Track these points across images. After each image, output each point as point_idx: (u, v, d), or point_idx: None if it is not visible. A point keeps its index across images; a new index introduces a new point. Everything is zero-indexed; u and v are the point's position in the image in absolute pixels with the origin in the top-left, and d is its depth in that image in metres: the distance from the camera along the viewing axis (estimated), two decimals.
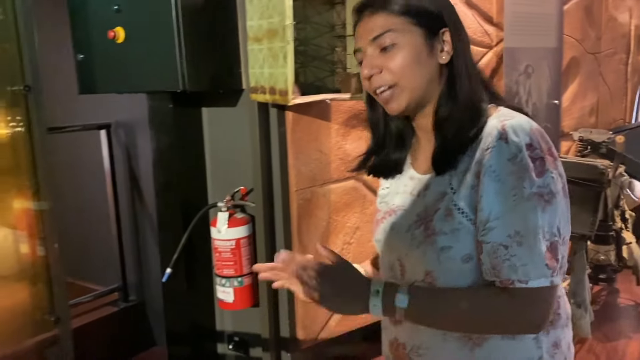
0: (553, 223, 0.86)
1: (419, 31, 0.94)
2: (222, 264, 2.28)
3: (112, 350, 2.68)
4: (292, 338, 2.37)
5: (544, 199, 0.85)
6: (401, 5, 0.94)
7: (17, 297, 2.42)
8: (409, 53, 0.94)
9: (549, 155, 0.87)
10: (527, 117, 0.93)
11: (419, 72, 0.95)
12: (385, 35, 0.94)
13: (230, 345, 2.53)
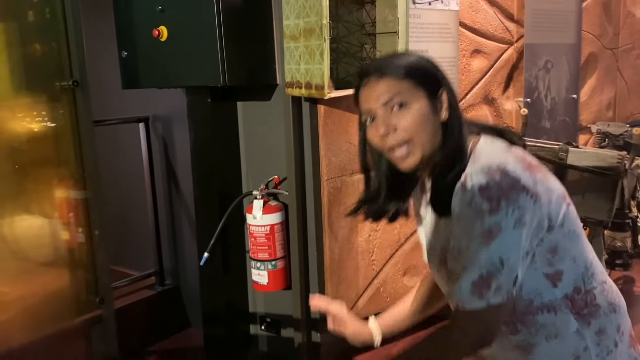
0: (495, 255, 0.96)
1: (422, 92, 1.06)
2: (257, 248, 2.42)
3: (150, 331, 2.84)
4: (322, 319, 2.51)
5: (492, 235, 0.95)
6: (405, 70, 1.06)
7: (64, 280, 2.59)
8: (418, 112, 1.05)
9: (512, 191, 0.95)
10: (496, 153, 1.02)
11: (428, 129, 1.06)
12: (395, 98, 1.05)
13: (263, 326, 2.68)
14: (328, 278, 2.46)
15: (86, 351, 2.59)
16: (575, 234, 1.06)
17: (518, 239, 0.96)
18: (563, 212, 1.03)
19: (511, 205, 0.95)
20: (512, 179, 0.96)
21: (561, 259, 1.03)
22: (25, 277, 2.45)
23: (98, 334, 2.62)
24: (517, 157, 1.02)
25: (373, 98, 1.07)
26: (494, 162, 0.98)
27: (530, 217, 0.97)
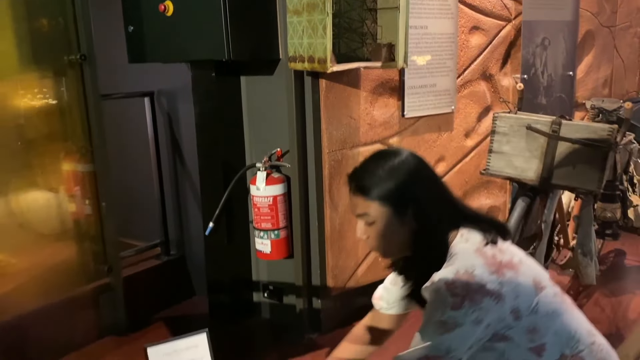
0: (444, 345, 1.09)
1: (389, 211, 1.19)
2: (261, 218, 2.51)
3: (156, 300, 2.94)
4: (322, 286, 2.61)
5: (446, 327, 1.08)
6: (374, 193, 1.19)
7: (73, 250, 2.69)
8: (383, 228, 1.19)
9: (477, 294, 1.07)
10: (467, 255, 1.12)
11: (393, 240, 1.21)
12: (364, 216, 1.21)
13: (265, 294, 2.78)
14: (328, 247, 2.55)
15: (95, 318, 2.69)
16: (555, 313, 1.15)
17: (470, 335, 1.09)
18: (535, 301, 1.13)
19: (473, 306, 1.07)
20: (478, 284, 1.07)
21: (543, 335, 1.14)
22: (35, 247, 2.54)
23: (106, 302, 2.72)
24: (486, 260, 1.11)
25: (352, 206, 1.24)
26: (463, 266, 1.09)
27: (490, 317, 1.09)
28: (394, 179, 1.19)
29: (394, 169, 1.20)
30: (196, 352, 2.05)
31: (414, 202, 1.19)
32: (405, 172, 1.20)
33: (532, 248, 2.38)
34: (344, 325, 2.73)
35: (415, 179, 1.21)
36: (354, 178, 1.24)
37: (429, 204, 1.20)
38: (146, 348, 1.98)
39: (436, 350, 1.09)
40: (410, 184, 1.20)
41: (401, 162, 1.21)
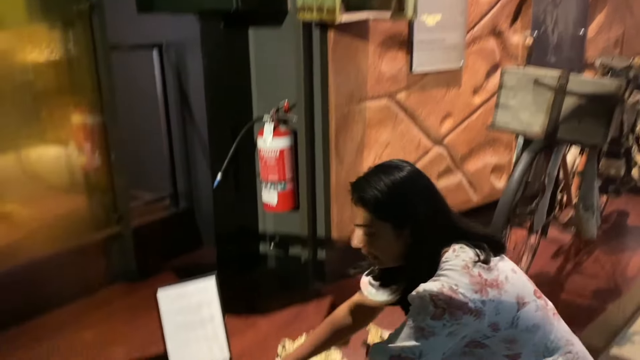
0: (417, 349, 1.16)
1: (388, 225, 1.24)
2: (268, 171, 2.55)
3: (165, 250, 3.01)
4: (327, 238, 2.67)
5: (423, 333, 1.15)
6: (375, 208, 1.23)
7: (84, 200, 2.74)
8: (383, 241, 1.26)
9: (458, 310, 1.13)
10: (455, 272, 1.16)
11: (390, 250, 1.27)
12: (364, 227, 1.27)
13: (272, 245, 2.84)
14: (334, 200, 2.59)
15: (106, 265, 2.77)
16: (535, 326, 1.21)
17: (444, 345, 1.17)
18: (516, 316, 1.18)
19: (452, 321, 1.14)
20: (460, 302, 1.13)
21: (521, 346, 1.21)
22: (46, 199, 2.59)
23: (117, 250, 2.79)
24: (472, 279, 1.16)
25: (354, 215, 1.29)
26: (447, 283, 1.15)
27: (467, 330, 1.16)
28: (395, 195, 1.24)
29: (396, 184, 1.24)
30: (205, 296, 2.13)
31: (412, 218, 1.24)
32: (407, 189, 1.25)
33: (534, 204, 2.41)
34: (348, 276, 2.80)
35: (415, 197, 1.25)
36: (357, 189, 1.27)
37: (427, 221, 1.25)
38: (157, 291, 2.06)
39: (410, 352, 1.17)
40: (410, 202, 1.25)
41: (403, 178, 1.25)
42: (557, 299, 2.56)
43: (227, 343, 2.11)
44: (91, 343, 2.26)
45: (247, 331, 2.32)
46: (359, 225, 1.28)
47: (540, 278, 2.74)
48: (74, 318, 2.45)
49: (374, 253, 1.29)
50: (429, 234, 1.24)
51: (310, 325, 2.26)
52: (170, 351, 2.01)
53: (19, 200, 2.47)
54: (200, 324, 2.09)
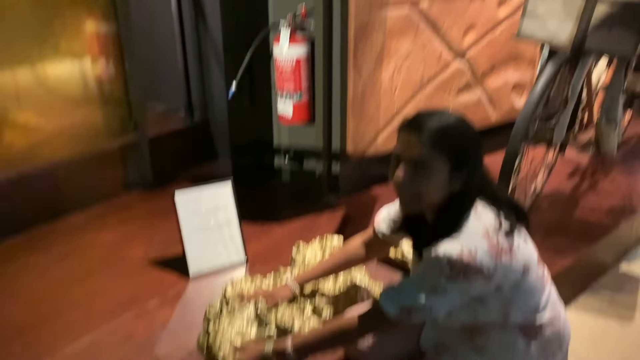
0: (428, 304, 1.19)
1: (446, 165, 1.18)
2: (283, 81, 2.50)
3: (180, 161, 3.04)
4: (342, 152, 2.66)
5: (436, 291, 1.18)
6: (443, 144, 1.17)
7: (100, 109, 2.74)
8: (436, 180, 1.19)
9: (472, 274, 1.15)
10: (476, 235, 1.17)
11: (436, 193, 1.21)
12: (422, 162, 1.18)
13: (286, 159, 2.85)
14: (350, 113, 2.56)
15: (123, 173, 2.81)
16: (531, 291, 1.26)
17: (453, 303, 1.20)
18: (517, 281, 1.22)
19: (465, 282, 1.16)
20: (476, 266, 1.15)
21: (514, 305, 1.25)
22: (62, 109, 2.59)
23: (133, 158, 2.82)
24: (490, 245, 1.17)
25: (407, 148, 1.20)
26: (468, 247, 1.15)
27: (475, 291, 1.19)
28: (463, 137, 1.20)
29: (464, 128, 1.21)
30: (221, 200, 2.16)
31: (468, 167, 1.20)
32: (471, 135, 1.22)
33: (555, 119, 2.37)
34: (361, 190, 2.83)
35: (475, 145, 1.23)
36: (422, 122, 1.20)
37: (476, 173, 1.23)
38: (174, 192, 2.09)
39: (421, 307, 1.19)
40: (472, 148, 1.22)
41: (466, 124, 1.22)
42: (571, 215, 2.58)
43: (243, 246, 2.16)
44: (111, 244, 2.33)
45: (262, 237, 2.37)
46: (413, 159, 1.18)
47: (555, 196, 2.75)
48: (93, 221, 2.52)
49: (418, 193, 1.20)
50: (474, 187, 1.23)
51: (324, 232, 2.30)
52: (188, 252, 2.07)
53: (34, 110, 2.48)
54: (217, 227, 2.13)
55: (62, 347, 1.70)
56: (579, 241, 2.33)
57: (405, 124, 1.22)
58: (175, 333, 1.77)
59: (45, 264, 2.18)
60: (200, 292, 2.00)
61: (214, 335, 1.53)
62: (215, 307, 1.64)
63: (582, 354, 1.99)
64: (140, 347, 1.71)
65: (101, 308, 1.90)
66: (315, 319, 1.63)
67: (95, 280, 2.06)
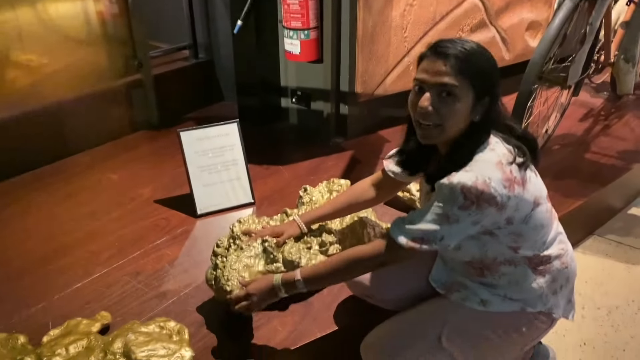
0: (440, 234, 1.18)
1: (472, 92, 1.16)
2: (291, 16, 2.42)
3: (186, 101, 2.99)
4: (350, 92, 2.61)
5: (448, 220, 1.17)
6: (469, 70, 1.15)
7: (103, 49, 2.67)
8: (461, 107, 1.17)
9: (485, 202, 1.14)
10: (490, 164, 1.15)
11: (460, 122, 1.19)
12: (451, 88, 1.15)
13: (294, 99, 2.80)
14: (359, 51, 2.49)
15: (129, 113, 2.78)
16: (540, 225, 1.25)
17: (465, 232, 1.19)
18: (527, 214, 1.21)
19: (477, 211, 1.15)
20: (490, 195, 1.13)
21: (524, 240, 1.25)
22: (66, 49, 2.53)
23: (138, 97, 2.78)
24: (504, 175, 1.16)
25: (432, 74, 1.17)
26: (482, 175, 1.14)
27: (487, 221, 1.18)
28: (487, 64, 1.19)
29: (486, 55, 1.19)
30: (227, 140, 2.14)
31: (490, 96, 1.19)
32: (493, 63, 1.20)
33: (569, 59, 2.29)
34: (369, 132, 2.79)
35: (497, 74, 1.21)
36: (448, 48, 1.16)
37: (497, 104, 1.21)
38: (179, 132, 2.06)
39: (432, 235, 1.19)
40: (495, 77, 1.20)
41: (488, 52, 1.20)
42: (582, 158, 2.54)
43: (250, 187, 2.15)
44: (117, 184, 2.32)
45: (269, 178, 2.35)
46: (440, 84, 1.15)
47: (567, 138, 2.70)
48: (100, 160, 2.51)
49: (443, 122, 1.17)
50: (492, 118, 1.21)
51: (331, 175, 2.28)
52: (195, 191, 2.07)
53: (38, 50, 2.43)
54: (224, 167, 2.12)
55: (71, 284, 1.73)
56: (588, 184, 2.31)
57: (430, 50, 1.19)
58: (183, 269, 1.79)
59: (52, 203, 2.18)
60: (208, 230, 2.01)
61: (221, 269, 1.54)
62: (223, 243, 1.64)
63: (587, 294, 2.01)
64: (149, 282, 1.73)
65: (109, 246, 1.91)
66: (322, 256, 1.63)
67: (103, 219, 2.07)
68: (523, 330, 1.32)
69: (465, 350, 1.31)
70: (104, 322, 1.52)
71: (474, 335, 1.31)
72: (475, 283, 1.32)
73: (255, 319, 1.57)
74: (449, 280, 1.37)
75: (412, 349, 1.30)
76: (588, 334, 1.84)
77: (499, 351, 1.35)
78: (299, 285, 1.33)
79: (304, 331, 1.54)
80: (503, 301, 1.30)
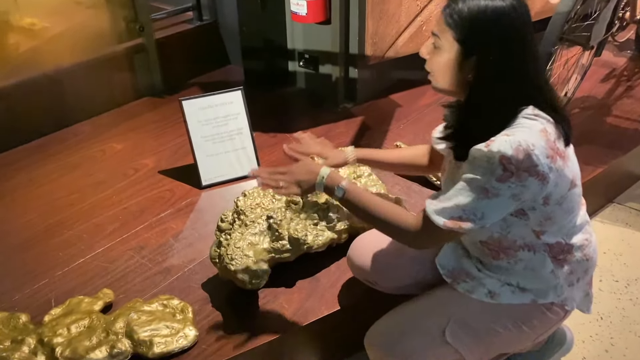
0: (479, 210, 1.08)
1: (456, 47, 1.09)
2: None
3: (190, 65, 2.90)
4: (360, 55, 2.49)
5: (488, 194, 1.07)
6: (454, 22, 1.08)
7: (105, 12, 2.57)
8: (443, 59, 1.12)
9: (525, 172, 1.04)
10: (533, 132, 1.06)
11: (447, 75, 1.13)
12: (437, 37, 1.12)
13: (301, 62, 2.70)
14: (369, 12, 2.37)
15: (132, 79, 2.70)
16: (571, 210, 1.18)
17: (505, 208, 1.09)
18: (564, 194, 1.13)
19: (518, 183, 1.05)
20: (532, 163, 1.04)
21: (552, 224, 1.16)
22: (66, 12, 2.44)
23: (141, 63, 2.69)
24: (548, 143, 1.07)
25: (435, 23, 1.14)
26: (525, 142, 1.04)
27: (527, 195, 1.08)
28: (482, 17, 1.07)
29: (485, 7, 1.07)
30: (231, 108, 2.06)
31: (480, 53, 1.08)
32: (492, 17, 1.07)
33: (592, 17, 2.16)
34: (379, 96, 2.69)
35: (497, 29, 1.07)
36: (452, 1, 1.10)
37: (501, 63, 1.08)
38: (181, 101, 1.99)
39: (471, 213, 1.09)
40: (490, 32, 1.07)
41: (496, 4, 1.06)
42: (602, 123, 2.43)
43: (256, 156, 2.09)
44: (120, 154, 2.27)
45: (276, 147, 2.28)
46: (433, 33, 1.13)
47: (587, 101, 2.58)
48: (103, 129, 2.45)
49: (433, 70, 1.15)
50: (500, 78, 1.09)
51: (339, 144, 2.20)
52: (199, 162, 2.01)
53: (38, 14, 2.34)
54: (228, 137, 2.05)
55: (74, 259, 1.70)
56: (609, 150, 2.21)
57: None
58: (188, 244, 1.75)
59: (56, 174, 2.14)
60: (213, 203, 1.95)
61: (225, 247, 1.50)
62: (227, 217, 1.59)
63: (605, 266, 1.94)
64: (153, 257, 1.69)
65: (113, 219, 1.87)
66: (330, 232, 1.58)
67: (106, 191, 2.02)
68: (534, 323, 1.24)
69: (471, 345, 1.24)
70: (106, 300, 1.49)
71: (481, 329, 1.24)
72: (483, 272, 1.24)
73: (261, 296, 1.53)
74: (456, 267, 1.28)
75: (415, 345, 1.22)
76: (605, 308, 1.78)
77: (509, 345, 1.29)
78: (337, 193, 1.22)
79: (310, 309, 1.49)
80: (513, 293, 1.22)
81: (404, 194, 1.97)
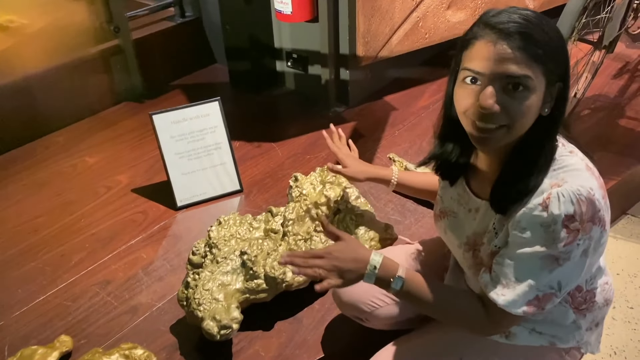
0: (555, 280, 0.93)
1: (544, 80, 0.89)
2: None
3: (173, 66, 2.72)
4: (351, 55, 2.31)
5: (559, 262, 0.91)
6: (543, 54, 0.87)
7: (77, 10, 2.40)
8: (535, 102, 0.89)
9: (589, 222, 0.89)
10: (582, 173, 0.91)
11: (531, 119, 0.92)
12: (522, 79, 0.87)
13: (289, 62, 2.51)
14: (360, 9, 2.17)
15: (109, 83, 2.52)
16: (602, 251, 1.02)
17: (581, 267, 0.95)
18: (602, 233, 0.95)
19: (585, 237, 0.91)
20: (594, 211, 0.90)
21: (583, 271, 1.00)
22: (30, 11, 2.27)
23: (119, 65, 2.52)
24: (598, 181, 0.93)
25: (495, 63, 0.87)
26: (584, 188, 0.88)
27: (593, 246, 0.94)
28: (558, 39, 0.90)
29: (555, 30, 0.90)
30: (208, 121, 1.89)
31: (563, 81, 0.92)
32: (561, 36, 0.92)
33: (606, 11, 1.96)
34: (373, 99, 2.50)
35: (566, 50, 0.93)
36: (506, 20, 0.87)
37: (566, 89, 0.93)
38: (151, 115, 1.82)
39: (548, 287, 0.94)
40: (565, 55, 0.92)
41: (553, 24, 0.91)
42: (615, 126, 2.24)
43: (237, 172, 1.92)
44: (93, 170, 2.11)
45: (260, 158, 2.12)
46: (510, 76, 0.87)
47: (598, 101, 2.39)
48: (76, 141, 2.29)
49: (509, 121, 0.89)
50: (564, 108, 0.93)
51: (329, 154, 2.03)
52: (173, 180, 1.85)
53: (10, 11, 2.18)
54: (205, 152, 1.88)
55: (34, 297, 1.55)
56: (622, 158, 2.03)
57: (483, 27, 0.89)
58: (158, 277, 1.60)
59: (20, 195, 1.98)
60: (188, 226, 1.80)
61: (193, 289, 1.34)
62: (199, 250, 1.44)
63: (619, 289, 1.77)
64: (119, 294, 1.54)
65: (79, 248, 1.72)
66: None
67: (74, 214, 1.87)
68: None
69: None
70: (62, 349, 1.35)
71: None
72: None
73: (234, 341, 1.38)
74: None
75: None
76: (619, 340, 1.62)
77: None
78: (394, 285, 1.01)
79: (290, 357, 1.34)
80: (530, 334, 1.08)
81: (398, 213, 1.80)
